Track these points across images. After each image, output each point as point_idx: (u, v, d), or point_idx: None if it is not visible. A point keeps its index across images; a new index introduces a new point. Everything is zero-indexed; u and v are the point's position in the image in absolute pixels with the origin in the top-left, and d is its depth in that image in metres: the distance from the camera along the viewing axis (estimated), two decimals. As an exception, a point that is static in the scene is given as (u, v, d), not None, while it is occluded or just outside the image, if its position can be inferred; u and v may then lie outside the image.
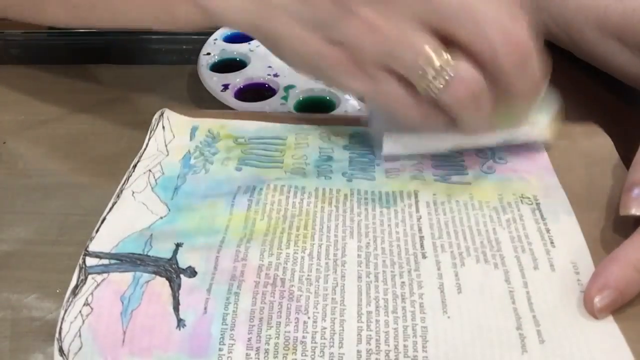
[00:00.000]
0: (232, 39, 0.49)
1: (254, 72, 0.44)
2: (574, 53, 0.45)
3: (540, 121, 0.33)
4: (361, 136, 0.35)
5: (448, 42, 0.27)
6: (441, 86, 0.27)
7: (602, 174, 0.32)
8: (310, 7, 0.28)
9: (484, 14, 0.27)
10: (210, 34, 0.48)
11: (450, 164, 0.33)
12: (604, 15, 0.40)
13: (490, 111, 0.29)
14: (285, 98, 0.41)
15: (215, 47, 0.47)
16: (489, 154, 0.33)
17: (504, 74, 0.27)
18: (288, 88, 0.42)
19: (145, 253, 0.28)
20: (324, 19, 0.28)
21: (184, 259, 0.27)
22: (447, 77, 0.27)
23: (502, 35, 0.27)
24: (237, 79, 0.43)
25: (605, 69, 0.42)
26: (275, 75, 0.44)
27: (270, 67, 0.45)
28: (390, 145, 0.32)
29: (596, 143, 0.34)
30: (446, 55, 0.27)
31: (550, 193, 0.31)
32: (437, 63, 0.27)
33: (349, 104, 0.40)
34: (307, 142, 0.35)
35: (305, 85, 0.42)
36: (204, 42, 0.47)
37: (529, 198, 0.30)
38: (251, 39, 0.48)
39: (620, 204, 0.28)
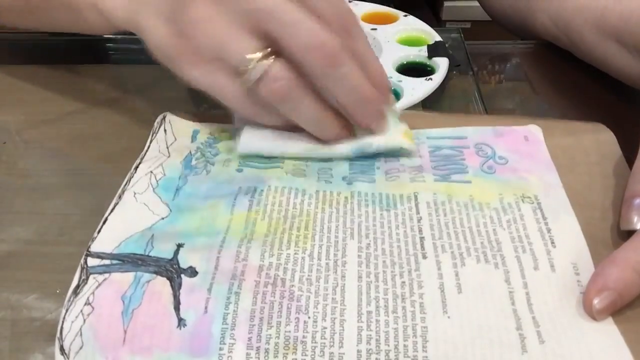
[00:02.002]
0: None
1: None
2: (574, 54, 0.45)
3: (394, 128, 0.33)
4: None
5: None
6: (254, 79, 0.29)
7: (604, 172, 0.32)
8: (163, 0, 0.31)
9: (292, 16, 0.28)
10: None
11: (450, 163, 0.33)
12: (602, 17, 0.40)
13: (322, 115, 0.31)
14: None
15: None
16: (489, 153, 0.33)
17: (313, 76, 0.30)
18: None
19: (146, 253, 0.28)
20: (170, 10, 0.31)
21: (185, 259, 0.27)
22: (261, 72, 0.29)
23: (307, 37, 0.28)
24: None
25: (604, 70, 0.42)
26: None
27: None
28: (246, 143, 0.33)
29: (599, 140, 0.34)
30: (265, 53, 0.29)
31: (551, 192, 0.31)
32: (254, 59, 0.29)
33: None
34: None
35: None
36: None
37: (529, 197, 0.30)
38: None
39: (620, 218, 0.28)
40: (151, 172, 0.32)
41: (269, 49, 0.29)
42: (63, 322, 0.25)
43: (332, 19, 0.30)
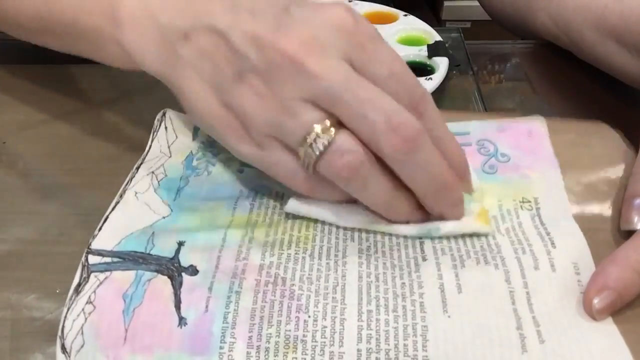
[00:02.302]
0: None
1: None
2: (574, 53, 0.45)
3: (467, 209, 0.29)
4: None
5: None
6: (317, 153, 0.26)
7: (607, 172, 0.32)
8: (210, 65, 0.28)
9: (365, 93, 0.26)
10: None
11: None
12: (602, 16, 0.40)
13: (394, 196, 0.28)
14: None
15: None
16: (491, 151, 0.33)
17: (387, 157, 0.26)
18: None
19: (147, 251, 0.28)
20: (219, 80, 0.28)
21: (186, 258, 0.27)
22: (323, 146, 0.26)
23: (383, 117, 0.25)
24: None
25: (604, 69, 0.42)
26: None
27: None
28: (294, 204, 0.29)
29: (604, 137, 0.34)
30: (327, 125, 0.26)
31: (552, 193, 0.31)
32: (316, 132, 0.26)
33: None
34: None
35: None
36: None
37: (529, 202, 0.30)
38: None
39: (621, 218, 0.28)
40: (152, 172, 0.32)
41: (334, 119, 0.26)
42: (64, 320, 0.25)
43: (404, 97, 0.26)
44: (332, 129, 0.26)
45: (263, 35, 0.26)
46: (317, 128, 0.26)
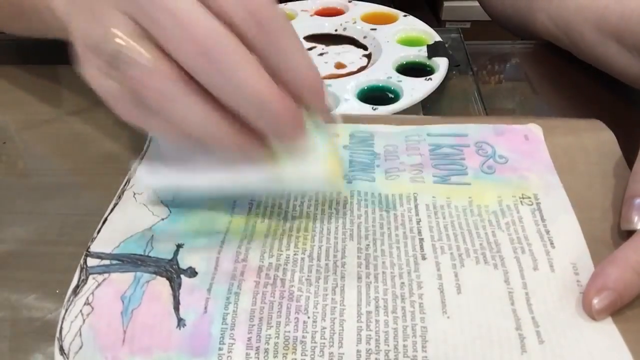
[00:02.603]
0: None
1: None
2: (574, 54, 0.45)
3: (318, 153, 0.27)
4: (361, 136, 0.35)
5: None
6: (127, 73, 0.25)
7: (604, 172, 0.32)
8: None
9: (167, 6, 0.24)
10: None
11: (450, 162, 0.33)
12: (602, 16, 0.40)
13: (214, 115, 0.25)
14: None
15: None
16: (489, 152, 0.33)
17: (185, 66, 0.24)
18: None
19: (146, 254, 0.28)
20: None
21: (185, 260, 0.27)
22: (131, 64, 0.24)
23: (175, 22, 0.24)
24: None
25: (604, 70, 0.42)
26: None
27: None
28: (141, 179, 0.29)
29: (599, 139, 0.34)
30: (139, 46, 0.24)
31: (551, 192, 0.31)
32: (128, 54, 0.24)
33: (349, 104, 0.40)
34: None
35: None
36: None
37: (529, 198, 0.30)
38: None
39: (621, 218, 0.28)
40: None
41: (141, 31, 0.25)
42: (62, 322, 0.25)
43: (234, 12, 0.24)
44: (139, 43, 0.25)
45: None
46: (120, 40, 0.25)
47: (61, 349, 0.25)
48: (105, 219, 0.30)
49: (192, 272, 0.27)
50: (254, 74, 0.24)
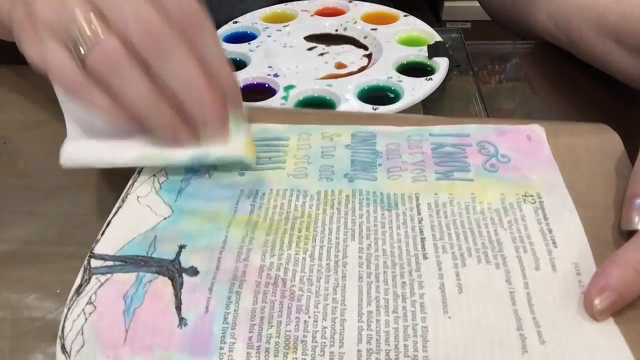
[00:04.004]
0: (232, 39, 0.49)
1: (254, 72, 0.44)
2: (574, 53, 0.45)
3: (236, 137, 0.32)
4: (362, 135, 0.35)
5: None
6: (83, 46, 0.28)
7: (608, 172, 0.32)
8: None
9: None
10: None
11: (452, 160, 0.33)
12: (602, 16, 0.40)
13: (154, 97, 0.29)
14: (285, 98, 0.41)
15: (215, 48, 0.46)
16: (491, 152, 0.33)
17: (143, 55, 0.28)
18: (288, 88, 0.42)
19: (149, 255, 0.28)
20: None
21: (187, 260, 0.27)
22: (87, 39, 0.28)
23: (131, 12, 0.27)
24: (237, 79, 0.43)
25: (604, 69, 0.42)
26: (275, 75, 0.44)
27: (270, 67, 0.45)
28: (70, 153, 0.30)
29: (603, 140, 0.34)
30: (97, 25, 0.28)
31: (554, 191, 0.31)
32: (81, 22, 0.28)
33: (349, 104, 0.40)
34: (309, 143, 0.35)
35: (305, 85, 0.42)
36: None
37: (532, 196, 0.30)
38: (251, 39, 0.48)
39: (621, 218, 0.28)
40: (154, 175, 0.32)
41: (97, 21, 0.28)
42: (65, 321, 0.25)
43: (177, 19, 0.28)
44: (97, 23, 0.28)
45: None
46: (81, 19, 0.28)
47: (63, 348, 0.25)
48: (109, 222, 0.30)
49: (193, 271, 0.27)
50: (197, 73, 0.29)
